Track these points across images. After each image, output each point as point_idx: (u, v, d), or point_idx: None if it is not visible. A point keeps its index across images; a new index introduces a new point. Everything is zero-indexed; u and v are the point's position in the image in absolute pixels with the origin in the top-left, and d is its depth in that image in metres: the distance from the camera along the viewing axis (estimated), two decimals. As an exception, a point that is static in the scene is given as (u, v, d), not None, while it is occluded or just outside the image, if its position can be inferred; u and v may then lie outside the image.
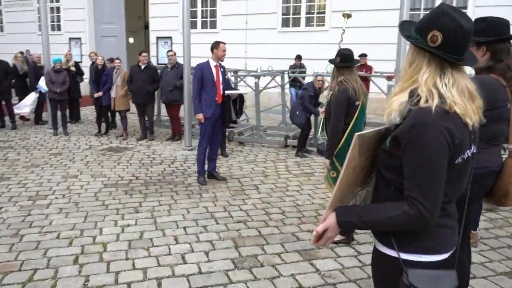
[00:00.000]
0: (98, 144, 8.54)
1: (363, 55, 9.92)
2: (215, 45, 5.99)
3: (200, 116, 5.89)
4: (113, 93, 8.87)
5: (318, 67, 10.04)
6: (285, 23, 13.33)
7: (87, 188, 5.76)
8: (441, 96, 1.46)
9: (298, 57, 10.83)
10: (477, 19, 2.50)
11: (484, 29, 2.44)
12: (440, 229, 1.55)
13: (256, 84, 8.49)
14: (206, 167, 6.19)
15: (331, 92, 3.75)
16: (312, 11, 13.03)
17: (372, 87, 9.55)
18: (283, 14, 13.28)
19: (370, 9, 11.73)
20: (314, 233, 1.61)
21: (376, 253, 1.68)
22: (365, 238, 4.16)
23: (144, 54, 8.78)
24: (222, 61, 6.07)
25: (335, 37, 12.53)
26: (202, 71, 5.91)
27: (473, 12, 10.97)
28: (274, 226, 4.51)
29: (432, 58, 1.50)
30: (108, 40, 15.86)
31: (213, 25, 14.18)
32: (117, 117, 9.75)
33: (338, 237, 4.07)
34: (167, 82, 8.56)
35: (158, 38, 14.89)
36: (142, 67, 8.71)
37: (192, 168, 6.88)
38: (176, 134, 9.04)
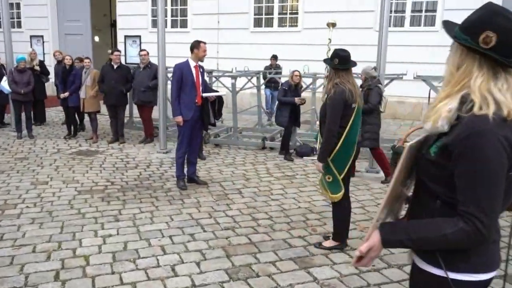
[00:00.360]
0: (66, 148, 8.12)
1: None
2: (196, 45, 5.78)
3: (179, 118, 5.66)
4: (82, 94, 8.46)
5: (293, 67, 9.95)
6: (258, 23, 13.21)
7: (59, 196, 5.41)
8: (496, 102, 1.35)
9: (274, 57, 10.72)
10: None
11: None
12: (490, 245, 1.45)
13: (233, 85, 8.31)
14: (185, 171, 5.98)
15: (326, 95, 3.63)
16: (285, 11, 12.97)
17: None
18: (255, 14, 13.15)
19: (344, 11, 11.80)
20: (356, 253, 1.47)
21: (417, 271, 1.55)
22: (358, 244, 4.06)
23: (116, 53, 8.45)
24: (202, 61, 5.87)
25: (308, 38, 12.59)
26: (181, 71, 5.68)
27: (442, 16, 11.21)
28: (264, 232, 4.36)
29: (483, 61, 1.38)
30: (72, 38, 15.25)
31: (184, 24, 13.87)
32: (85, 118, 9.34)
33: (331, 243, 3.97)
34: (139, 83, 8.25)
35: (126, 36, 14.43)
36: (115, 66, 8.36)
37: (169, 172, 6.63)
38: (149, 136, 8.74)
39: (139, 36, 14.23)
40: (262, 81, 9.78)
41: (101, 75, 8.45)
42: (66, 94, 8.50)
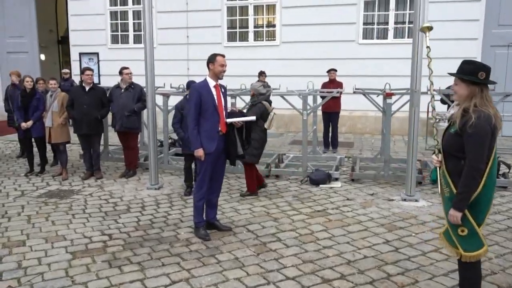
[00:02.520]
0: (32, 188, 6.60)
1: (333, 70, 9.13)
2: (211, 59, 4.70)
3: (200, 152, 4.51)
4: (48, 122, 6.99)
5: (274, 83, 9.03)
6: (231, 37, 12.23)
7: (49, 263, 4.03)
8: None
9: (262, 74, 9.71)
10: None
11: None
12: None
13: (233, 105, 7.23)
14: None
15: (462, 121, 2.67)
16: (260, 24, 12.10)
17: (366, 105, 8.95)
18: (228, 28, 12.17)
19: (324, 23, 11.20)
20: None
21: None
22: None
23: (88, 72, 7.06)
24: (221, 78, 4.76)
25: (287, 53, 11.76)
26: (200, 93, 4.56)
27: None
28: (352, 301, 3.32)
29: None
30: (16, 57, 13.39)
31: (149, 39, 12.55)
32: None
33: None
34: (123, 106, 6.92)
35: (81, 54, 12.85)
36: (87, 88, 6.99)
37: (174, 215, 5.43)
38: (132, 168, 7.40)
39: (97, 53, 12.73)
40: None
41: (70, 99, 7.04)
42: (30, 123, 6.99)
